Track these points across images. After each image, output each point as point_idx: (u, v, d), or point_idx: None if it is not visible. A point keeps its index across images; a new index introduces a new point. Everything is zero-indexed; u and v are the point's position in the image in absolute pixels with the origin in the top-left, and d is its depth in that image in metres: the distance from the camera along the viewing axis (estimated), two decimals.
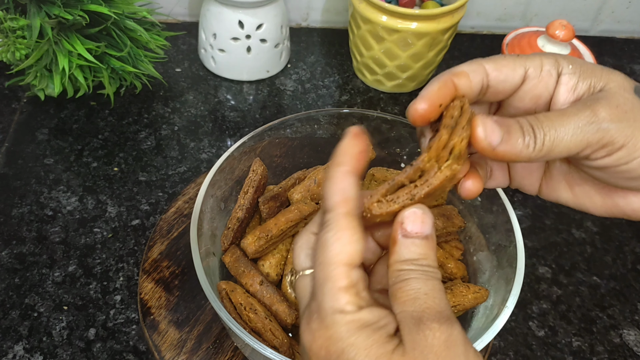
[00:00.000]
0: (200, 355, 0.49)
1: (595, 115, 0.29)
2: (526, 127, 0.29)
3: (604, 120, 0.29)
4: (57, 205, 0.61)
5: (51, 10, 0.60)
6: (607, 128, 0.29)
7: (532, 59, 0.32)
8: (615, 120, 0.29)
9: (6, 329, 0.51)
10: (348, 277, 0.26)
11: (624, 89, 0.30)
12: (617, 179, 0.30)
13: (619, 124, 0.29)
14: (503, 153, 0.29)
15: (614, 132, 0.29)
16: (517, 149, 0.29)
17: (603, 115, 0.29)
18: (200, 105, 0.73)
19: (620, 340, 0.54)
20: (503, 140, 0.29)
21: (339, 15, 0.87)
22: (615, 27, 0.90)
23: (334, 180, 0.28)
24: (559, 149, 0.29)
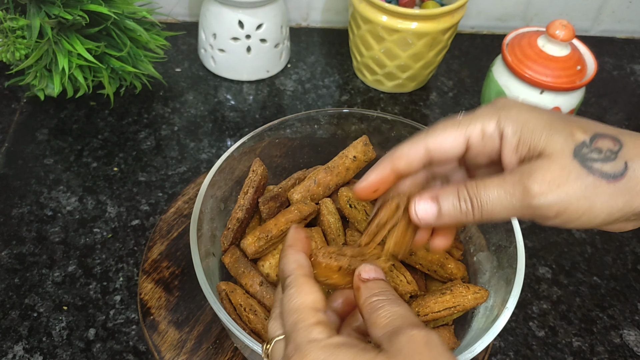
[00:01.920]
0: (200, 356, 0.49)
1: (528, 192, 0.30)
2: (463, 196, 0.32)
3: (535, 197, 0.30)
4: (57, 206, 0.61)
5: (51, 10, 0.60)
6: (538, 205, 0.30)
7: (474, 124, 0.33)
8: (546, 195, 0.30)
9: (6, 329, 0.51)
10: (316, 316, 0.29)
11: (562, 154, 0.31)
12: (568, 226, 0.32)
13: (551, 198, 0.30)
14: (447, 224, 0.33)
15: (544, 209, 0.30)
16: (456, 218, 0.32)
17: (535, 192, 0.30)
18: (200, 105, 0.73)
19: (620, 341, 0.54)
20: (440, 215, 0.32)
21: (339, 15, 0.87)
22: (615, 27, 0.90)
23: (288, 255, 0.32)
24: (499, 217, 0.31)
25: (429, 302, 0.43)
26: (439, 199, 0.32)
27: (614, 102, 0.79)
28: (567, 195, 0.30)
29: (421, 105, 0.76)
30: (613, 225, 0.32)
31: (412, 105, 0.76)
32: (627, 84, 0.83)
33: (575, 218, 0.31)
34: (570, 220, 0.31)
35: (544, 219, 0.31)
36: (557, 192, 0.30)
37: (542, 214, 0.30)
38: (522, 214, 0.31)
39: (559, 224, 0.31)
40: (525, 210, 0.31)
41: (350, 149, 0.52)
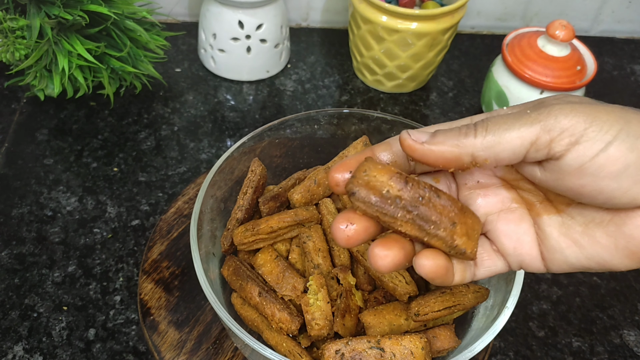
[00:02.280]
0: (200, 356, 0.49)
1: (544, 103, 0.26)
2: (465, 126, 0.27)
3: (553, 104, 0.26)
4: (56, 206, 0.61)
5: (51, 11, 0.60)
6: (560, 110, 0.25)
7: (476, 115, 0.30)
8: (568, 105, 0.26)
9: (6, 329, 0.51)
10: None
11: (572, 95, 0.28)
12: (606, 183, 0.26)
13: (573, 108, 0.25)
14: (438, 146, 0.27)
15: (568, 112, 0.25)
16: (452, 139, 0.27)
17: (553, 102, 0.26)
18: (200, 105, 0.73)
19: (620, 341, 0.54)
20: (435, 136, 0.27)
21: (339, 15, 0.87)
22: (615, 27, 0.90)
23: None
24: (509, 136, 0.26)
25: (429, 301, 0.43)
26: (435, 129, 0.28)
27: (613, 102, 0.79)
28: (592, 107, 0.25)
29: (421, 105, 0.76)
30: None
31: (412, 106, 0.76)
32: (627, 84, 0.83)
33: (615, 132, 0.25)
34: (599, 139, 0.24)
35: (569, 137, 0.25)
36: (581, 102, 0.25)
37: (568, 125, 0.25)
38: (543, 125, 0.25)
39: (584, 152, 0.25)
40: (546, 119, 0.25)
41: (350, 149, 0.52)
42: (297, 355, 0.43)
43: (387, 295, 0.47)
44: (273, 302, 0.45)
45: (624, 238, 0.27)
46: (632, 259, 0.27)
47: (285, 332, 0.44)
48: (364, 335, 0.43)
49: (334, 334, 0.44)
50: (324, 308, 0.43)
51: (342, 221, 0.28)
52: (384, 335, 0.41)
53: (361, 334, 0.45)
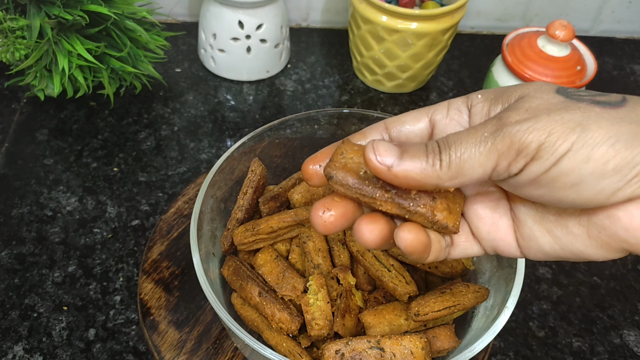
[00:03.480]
0: (200, 356, 0.49)
1: (501, 120, 0.25)
2: (431, 146, 0.27)
3: (509, 124, 0.25)
4: (56, 206, 0.61)
5: (51, 11, 0.60)
6: (514, 131, 0.25)
7: (439, 104, 0.31)
8: (524, 120, 0.25)
9: (6, 329, 0.51)
10: None
11: (541, 91, 0.27)
12: (563, 193, 0.25)
13: (528, 122, 0.25)
14: (404, 173, 0.26)
15: (522, 133, 0.24)
16: (419, 167, 0.26)
17: (510, 120, 0.25)
18: (200, 105, 0.73)
19: (620, 341, 0.54)
20: (402, 160, 0.26)
21: (339, 15, 0.87)
22: (615, 27, 0.90)
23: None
24: (470, 166, 0.26)
25: (429, 301, 0.43)
26: (401, 146, 0.27)
27: None
28: (549, 118, 0.24)
29: (421, 105, 0.76)
30: (624, 188, 0.24)
31: (412, 106, 0.76)
32: (627, 84, 0.83)
33: (563, 150, 0.24)
34: (553, 153, 0.24)
35: (525, 156, 0.25)
36: (536, 115, 0.25)
37: (522, 142, 0.24)
38: (498, 150, 0.25)
39: (541, 167, 0.25)
40: (500, 143, 0.25)
41: None
42: (297, 355, 0.43)
43: (387, 295, 0.47)
44: (273, 302, 0.45)
45: (596, 228, 0.27)
46: (606, 249, 0.27)
47: (285, 332, 0.44)
48: (364, 335, 0.43)
49: (334, 334, 0.44)
50: (324, 308, 0.43)
51: (320, 208, 0.29)
52: (384, 335, 0.41)
53: (361, 334, 0.45)
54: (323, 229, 0.29)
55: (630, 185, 0.24)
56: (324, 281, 0.45)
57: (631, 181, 0.24)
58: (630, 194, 0.24)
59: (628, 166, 0.24)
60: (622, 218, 0.25)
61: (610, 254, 0.27)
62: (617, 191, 0.24)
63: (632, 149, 0.24)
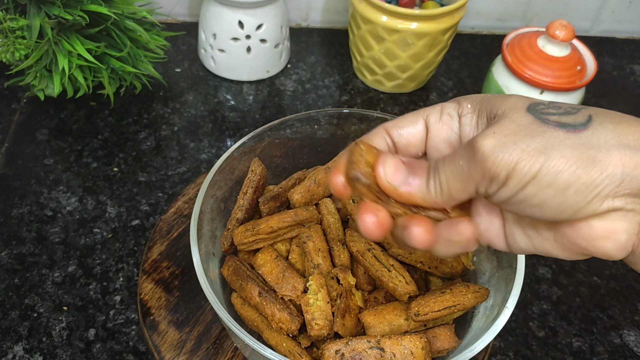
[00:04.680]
0: (200, 356, 0.49)
1: (474, 150, 0.27)
2: (432, 167, 0.30)
3: (479, 152, 0.27)
4: (57, 206, 0.61)
5: (51, 11, 0.60)
6: (484, 162, 0.27)
7: (433, 107, 0.33)
8: (492, 150, 0.27)
9: (6, 329, 0.51)
10: None
11: (514, 109, 0.29)
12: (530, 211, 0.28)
13: (498, 154, 0.27)
14: (407, 195, 0.30)
15: (490, 164, 0.27)
16: (420, 192, 0.30)
17: (480, 147, 0.27)
18: (200, 105, 0.73)
19: (620, 341, 0.54)
20: (407, 183, 0.30)
21: (339, 15, 0.87)
22: (615, 27, 0.90)
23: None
24: (456, 191, 0.29)
25: (429, 302, 0.43)
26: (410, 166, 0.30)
27: (613, 102, 0.79)
28: (515, 146, 0.26)
29: (421, 105, 0.76)
30: (585, 207, 0.26)
31: (412, 106, 0.76)
32: (627, 84, 0.83)
33: (528, 179, 0.26)
34: (521, 181, 0.26)
35: (497, 183, 0.27)
36: (504, 144, 0.27)
37: (491, 173, 0.27)
38: (474, 179, 0.28)
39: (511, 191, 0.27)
40: (475, 172, 0.27)
41: None
42: (297, 355, 0.43)
43: (387, 295, 0.47)
44: (273, 302, 0.45)
45: (560, 235, 0.29)
46: (569, 252, 0.30)
47: (285, 332, 0.44)
48: (364, 335, 0.43)
49: (334, 334, 0.44)
50: (324, 308, 0.43)
51: (367, 214, 0.30)
52: (384, 335, 0.41)
53: (361, 334, 0.45)
54: (377, 233, 0.30)
55: (590, 205, 0.26)
56: (324, 281, 0.45)
57: (592, 201, 0.26)
58: (591, 212, 0.27)
59: (588, 189, 0.26)
60: (582, 229, 0.28)
61: (575, 256, 0.30)
62: (579, 210, 0.27)
63: (591, 174, 0.26)
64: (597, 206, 0.26)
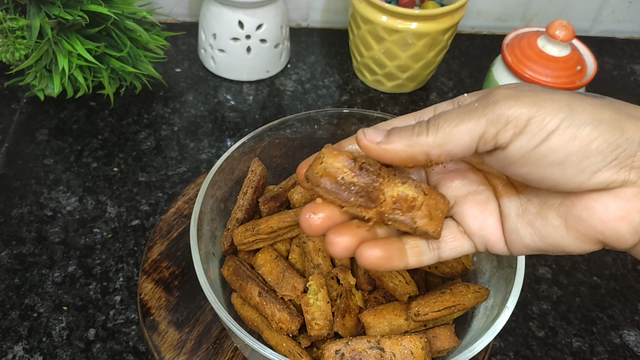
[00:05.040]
0: (200, 356, 0.49)
1: (491, 93, 0.27)
2: (418, 123, 0.28)
3: (500, 97, 0.26)
4: (56, 206, 0.61)
5: (51, 11, 0.60)
6: (504, 103, 0.26)
7: (427, 108, 0.32)
8: (513, 95, 0.26)
9: (6, 329, 0.51)
10: None
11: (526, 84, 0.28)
12: (548, 171, 0.27)
13: (518, 97, 0.26)
14: (392, 147, 0.28)
15: (512, 105, 0.26)
16: (406, 139, 0.28)
17: (500, 94, 0.26)
18: (200, 105, 0.73)
19: (620, 341, 0.54)
20: (389, 137, 0.28)
21: (339, 15, 0.87)
22: (615, 27, 0.90)
23: None
24: (458, 131, 0.27)
25: (429, 302, 0.43)
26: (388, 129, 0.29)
27: None
28: (538, 95, 0.26)
29: (421, 105, 0.76)
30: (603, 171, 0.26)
31: (412, 106, 0.76)
32: (627, 84, 0.83)
33: (552, 127, 0.25)
34: (542, 127, 0.25)
35: (514, 127, 0.26)
36: (524, 93, 0.26)
37: (513, 114, 0.26)
38: (488, 118, 0.26)
39: (529, 141, 0.26)
40: (491, 112, 0.26)
41: None
42: (297, 355, 0.43)
43: (387, 295, 0.47)
44: (273, 302, 0.45)
45: (573, 219, 0.28)
46: (582, 240, 0.28)
47: (285, 332, 0.44)
48: (364, 335, 0.43)
49: (334, 334, 0.44)
50: (324, 308, 0.43)
51: (306, 211, 0.30)
52: (384, 335, 0.41)
53: (361, 334, 0.45)
54: (310, 230, 0.30)
55: (609, 168, 0.26)
56: (324, 281, 0.45)
57: (611, 163, 0.26)
58: (607, 178, 0.26)
59: (609, 148, 0.25)
60: (598, 209, 0.27)
61: (586, 245, 0.29)
62: (597, 172, 0.26)
63: (613, 133, 0.26)
64: (614, 172, 0.26)
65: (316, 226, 0.30)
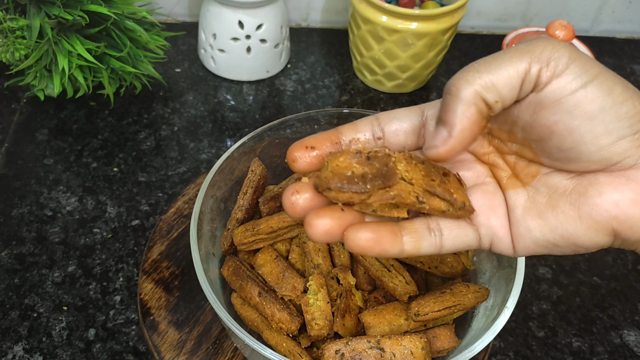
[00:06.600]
0: (200, 356, 0.49)
1: (529, 39, 0.27)
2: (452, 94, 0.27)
3: (540, 39, 0.26)
4: (56, 206, 0.61)
5: (51, 11, 0.60)
6: (546, 43, 0.26)
7: (431, 102, 0.31)
8: (553, 41, 0.26)
9: (6, 329, 0.51)
10: None
11: None
12: (578, 123, 0.26)
13: (558, 43, 0.26)
14: (462, 135, 0.27)
15: (554, 45, 0.26)
16: (460, 111, 0.27)
17: (539, 38, 0.26)
18: (200, 105, 0.73)
19: (620, 341, 0.54)
20: (448, 129, 0.27)
21: (339, 15, 0.87)
22: (615, 27, 0.90)
23: None
24: (505, 73, 0.26)
25: (429, 302, 0.43)
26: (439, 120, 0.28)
27: None
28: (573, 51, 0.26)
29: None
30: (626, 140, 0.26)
31: (412, 105, 0.76)
32: None
33: (591, 76, 0.25)
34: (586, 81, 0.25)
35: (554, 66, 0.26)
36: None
37: (552, 57, 0.26)
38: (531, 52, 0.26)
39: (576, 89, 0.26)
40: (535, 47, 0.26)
41: None
42: (297, 355, 0.43)
43: (387, 295, 0.47)
44: (273, 302, 0.45)
45: (587, 206, 0.27)
46: (596, 229, 0.28)
47: (285, 332, 0.44)
48: (364, 335, 0.43)
49: (334, 334, 0.44)
50: (324, 308, 0.43)
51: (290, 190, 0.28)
52: (384, 335, 0.41)
53: (361, 334, 0.45)
54: (292, 211, 0.28)
55: (632, 140, 0.26)
56: (324, 281, 0.45)
57: (635, 135, 0.26)
58: (627, 150, 0.26)
59: (636, 116, 0.26)
60: (613, 194, 0.27)
61: (599, 236, 0.28)
62: (622, 138, 0.26)
63: (634, 102, 0.26)
64: (634, 145, 0.26)
65: (300, 207, 0.28)
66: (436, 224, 0.30)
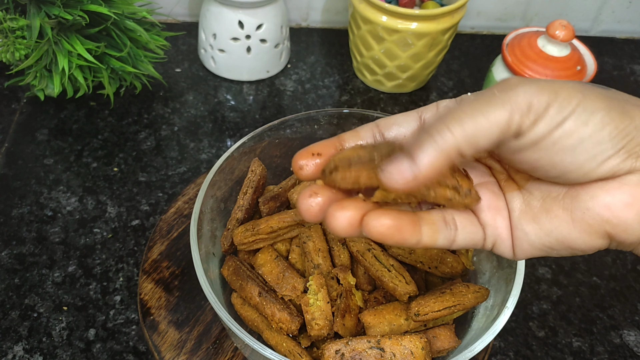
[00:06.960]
0: (200, 356, 0.49)
1: (507, 82, 0.26)
2: (433, 128, 0.26)
3: (518, 83, 0.26)
4: (57, 206, 0.61)
5: (51, 11, 0.60)
6: (526, 88, 0.25)
7: (429, 105, 0.31)
8: (531, 82, 0.26)
9: (6, 329, 0.51)
10: None
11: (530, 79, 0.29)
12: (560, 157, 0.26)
13: (538, 84, 0.26)
14: (429, 172, 0.25)
15: (532, 92, 0.25)
16: (435, 152, 0.25)
17: (516, 80, 0.26)
18: (200, 105, 0.73)
19: (620, 341, 0.54)
20: (417, 163, 0.25)
21: (339, 15, 0.87)
22: (615, 27, 0.90)
23: None
24: (486, 122, 0.25)
25: (429, 302, 0.43)
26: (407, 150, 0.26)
27: None
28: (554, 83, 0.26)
29: (421, 105, 0.76)
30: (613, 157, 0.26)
31: (412, 106, 0.76)
32: (627, 84, 0.83)
33: (568, 112, 0.25)
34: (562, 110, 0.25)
35: (535, 113, 0.25)
36: (540, 80, 0.26)
37: (533, 100, 0.25)
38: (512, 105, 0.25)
39: (549, 125, 0.25)
40: (514, 100, 0.25)
41: None
42: (297, 355, 0.43)
43: (387, 295, 0.47)
44: (273, 302, 0.45)
45: (580, 210, 0.28)
46: (589, 233, 0.28)
47: (285, 332, 0.44)
48: (364, 335, 0.43)
49: (334, 334, 0.44)
50: (324, 308, 0.43)
51: (307, 193, 0.28)
52: (384, 335, 0.41)
53: (361, 334, 0.45)
54: (308, 215, 0.28)
55: (618, 156, 0.26)
56: (324, 281, 0.45)
57: (619, 151, 0.26)
58: (615, 166, 0.26)
59: (620, 135, 0.26)
60: (605, 197, 0.27)
61: (593, 239, 0.28)
62: (607, 159, 0.26)
63: (623, 120, 0.26)
64: (621, 160, 0.26)
65: (316, 211, 0.28)
66: (452, 217, 0.30)
